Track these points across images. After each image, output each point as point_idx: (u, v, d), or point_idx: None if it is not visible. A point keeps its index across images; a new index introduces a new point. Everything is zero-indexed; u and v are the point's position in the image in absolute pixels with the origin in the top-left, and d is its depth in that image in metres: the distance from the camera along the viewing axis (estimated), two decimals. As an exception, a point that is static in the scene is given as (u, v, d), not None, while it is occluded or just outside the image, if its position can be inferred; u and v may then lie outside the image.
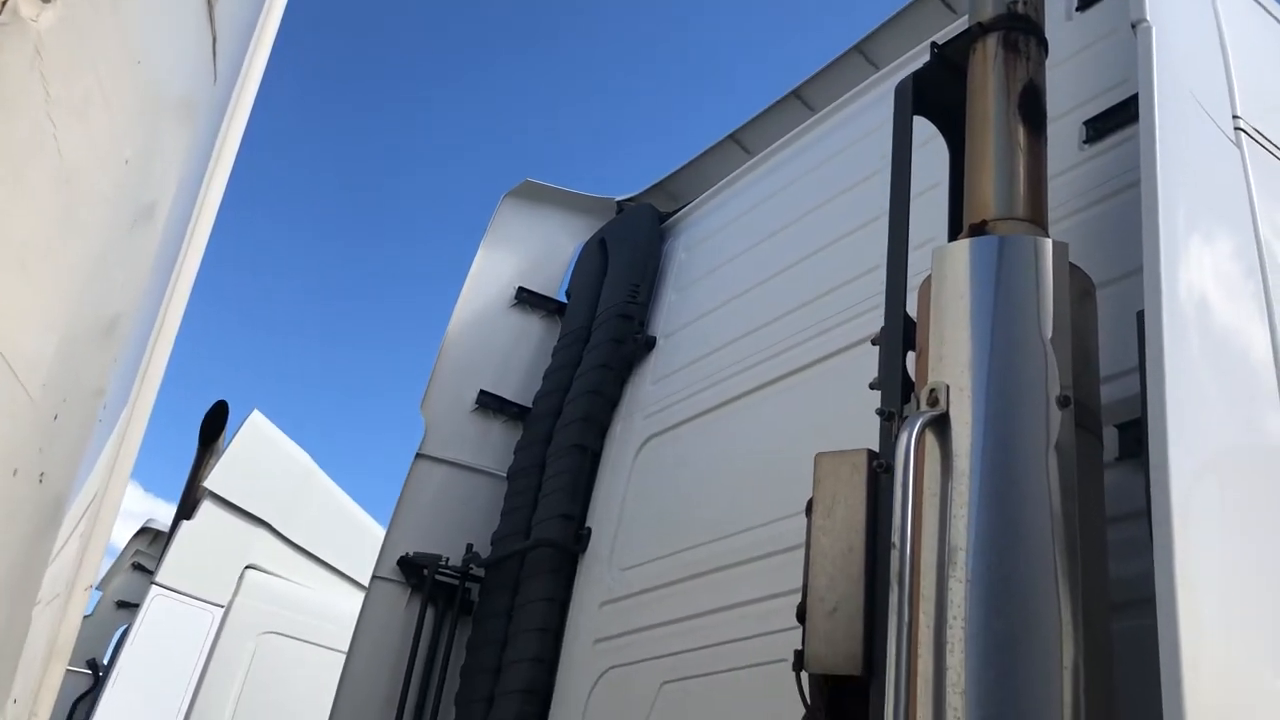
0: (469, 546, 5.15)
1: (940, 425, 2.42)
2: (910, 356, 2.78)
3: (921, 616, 2.25)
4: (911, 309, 2.82)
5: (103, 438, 1.93)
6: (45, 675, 1.90)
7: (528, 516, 4.98)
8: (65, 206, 1.52)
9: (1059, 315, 2.48)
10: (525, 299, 5.80)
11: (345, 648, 5.02)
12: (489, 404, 5.54)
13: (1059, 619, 2.20)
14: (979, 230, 2.73)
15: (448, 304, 5.71)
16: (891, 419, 2.68)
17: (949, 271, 2.61)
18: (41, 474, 1.53)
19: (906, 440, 2.34)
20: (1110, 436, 2.68)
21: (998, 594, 2.23)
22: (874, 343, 2.91)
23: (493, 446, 5.48)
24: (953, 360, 2.49)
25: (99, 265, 1.77)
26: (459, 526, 5.22)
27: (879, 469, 2.62)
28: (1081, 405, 2.42)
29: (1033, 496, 2.31)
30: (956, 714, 2.14)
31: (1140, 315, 2.41)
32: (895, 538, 2.28)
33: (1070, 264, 2.58)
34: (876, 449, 2.69)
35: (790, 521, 3.52)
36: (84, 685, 8.80)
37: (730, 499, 4.07)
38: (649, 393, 4.90)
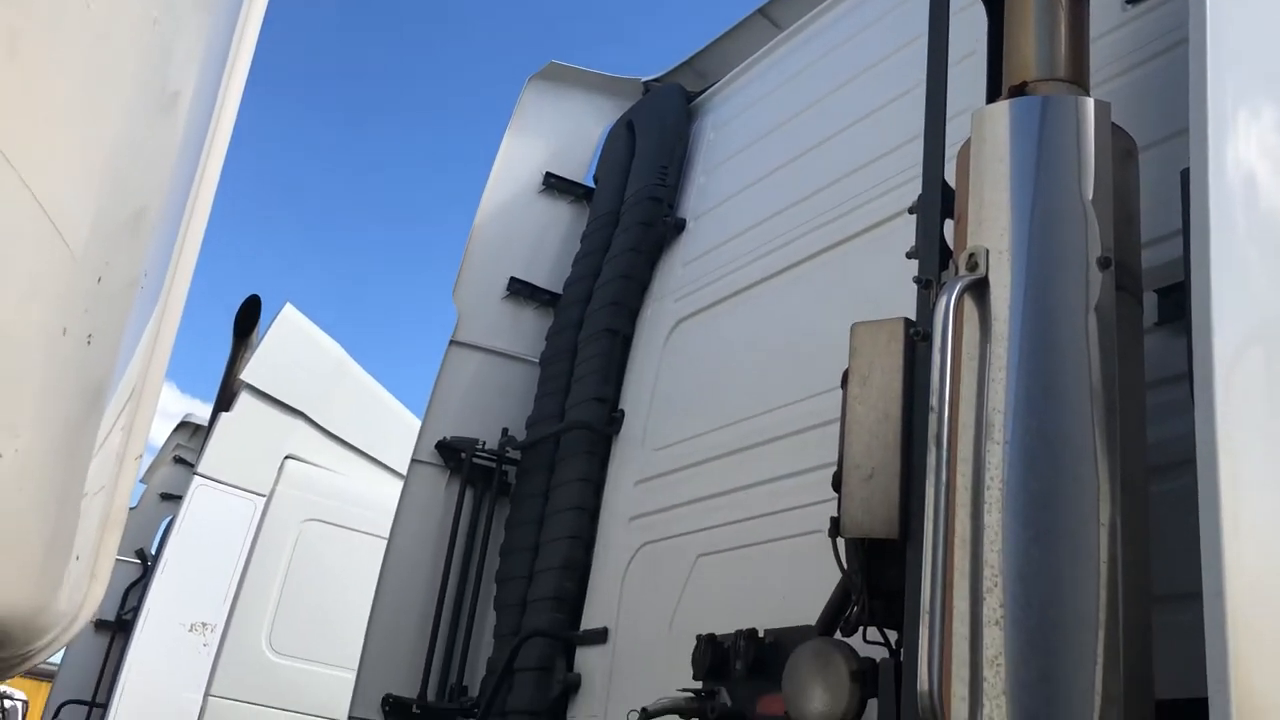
0: (504, 431, 5.21)
1: (979, 290, 2.40)
2: (948, 226, 2.75)
3: (959, 478, 2.26)
4: (949, 179, 2.78)
5: (144, 308, 1.95)
6: (102, 540, 1.95)
7: (561, 401, 5.02)
8: (99, 66, 1.51)
9: (1100, 176, 2.44)
10: (553, 184, 5.75)
11: (385, 533, 5.14)
12: (520, 291, 5.54)
13: (1097, 479, 2.20)
14: (1019, 92, 2.67)
15: (478, 189, 5.69)
16: (929, 287, 2.66)
17: (988, 133, 2.56)
18: (89, 336, 1.55)
19: (945, 304, 2.32)
20: (1149, 302, 2.65)
21: (1035, 455, 2.24)
22: (911, 211, 2.87)
23: (524, 333, 5.51)
24: (992, 224, 2.46)
25: (132, 130, 1.76)
26: (494, 412, 5.28)
27: (916, 336, 2.61)
28: (1123, 266, 2.39)
29: (1072, 358, 2.29)
30: (993, 572, 2.17)
31: (1185, 174, 2.35)
32: (933, 400, 2.28)
33: (1113, 124, 2.52)
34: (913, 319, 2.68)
35: (824, 398, 3.53)
36: (133, 574, 9.09)
37: (763, 377, 4.08)
38: (679, 275, 4.88)
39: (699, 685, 3.25)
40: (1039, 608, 2.13)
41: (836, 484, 2.68)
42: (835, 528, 2.66)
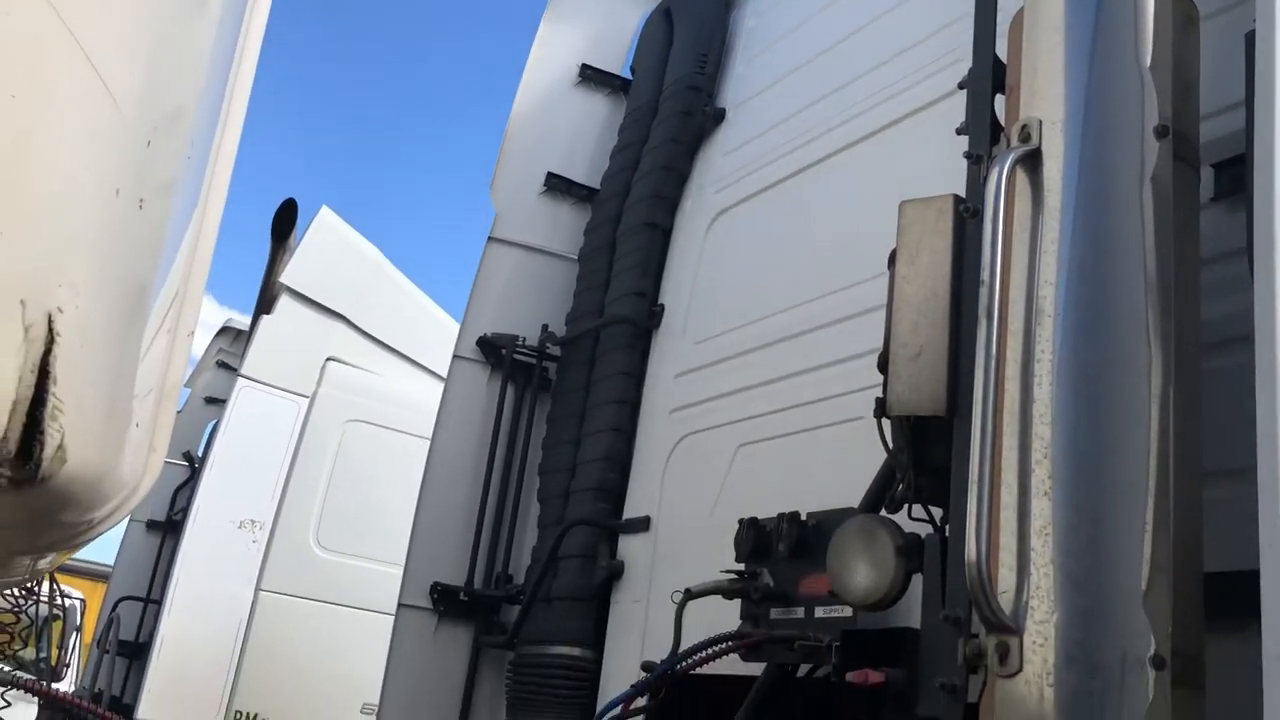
0: (544, 327, 5.23)
1: (1032, 161, 2.35)
2: (999, 101, 2.69)
3: (1009, 351, 2.24)
4: (1000, 53, 2.71)
5: (192, 180, 1.95)
6: (159, 410, 1.98)
7: (600, 296, 5.01)
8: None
9: (1159, 43, 2.36)
10: (589, 76, 5.67)
11: (426, 434, 5.20)
12: (557, 186, 5.50)
13: (1149, 352, 2.17)
14: (1075, -43, 2.57)
15: (512, 86, 5.61)
16: (979, 162, 2.61)
17: (1043, 1, 2.48)
18: (140, 200, 1.55)
19: (997, 175, 2.28)
20: (1206, 176, 2.58)
21: (1087, 327, 2.21)
22: (961, 86, 2.80)
23: (563, 229, 5.48)
24: (1045, 94, 2.40)
25: (176, 9, 1.75)
26: (533, 308, 5.28)
27: (965, 213, 2.57)
28: (1180, 137, 2.32)
29: (1126, 230, 2.25)
30: (1043, 444, 2.16)
31: (1250, 36, 2.27)
32: (984, 274, 2.25)
33: (1174, -11, 2.43)
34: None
35: (865, 286, 3.50)
36: (181, 476, 9.28)
37: (804, 267, 4.04)
38: (719, 166, 4.82)
39: (741, 567, 3.29)
40: (1088, 479, 2.12)
41: (883, 365, 2.66)
42: (881, 408, 2.65)
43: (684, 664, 2.88)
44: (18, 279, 1.22)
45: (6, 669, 10.30)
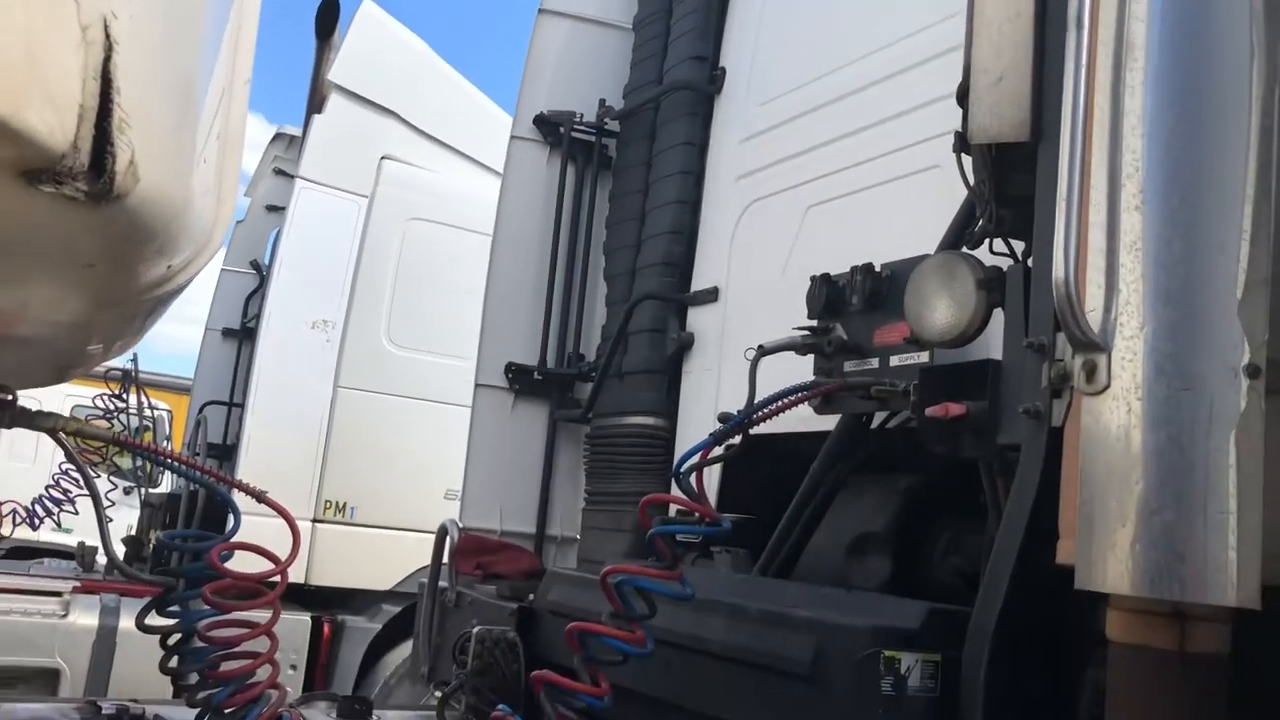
0: (601, 102, 5.10)
1: None
2: None
3: (1099, 59, 2.11)
4: None
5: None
6: (224, 158, 1.96)
7: (659, 65, 4.85)
8: None
9: None
10: None
11: (486, 229, 5.16)
12: (607, -50, 5.26)
13: (1251, 51, 2.03)
14: None
15: None
16: None
17: None
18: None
19: None
20: None
21: (1184, 29, 2.07)
22: None
23: (615, -4, 5.26)
24: None
25: None
26: (590, 83, 5.14)
27: (1050, -79, 2.39)
28: None
29: (1230, -80, 2.07)
30: (1134, 157, 2.06)
31: None
32: (1073, -21, 2.10)
33: None
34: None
35: (943, 25, 3.33)
36: (250, 284, 9.44)
37: (873, 15, 3.84)
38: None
39: (814, 324, 3.26)
40: (1182, 190, 2.02)
41: (962, 96, 2.54)
42: (961, 142, 2.55)
43: (761, 413, 2.89)
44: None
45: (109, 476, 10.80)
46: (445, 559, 4.31)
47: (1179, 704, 1.92)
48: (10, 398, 2.46)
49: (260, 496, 2.63)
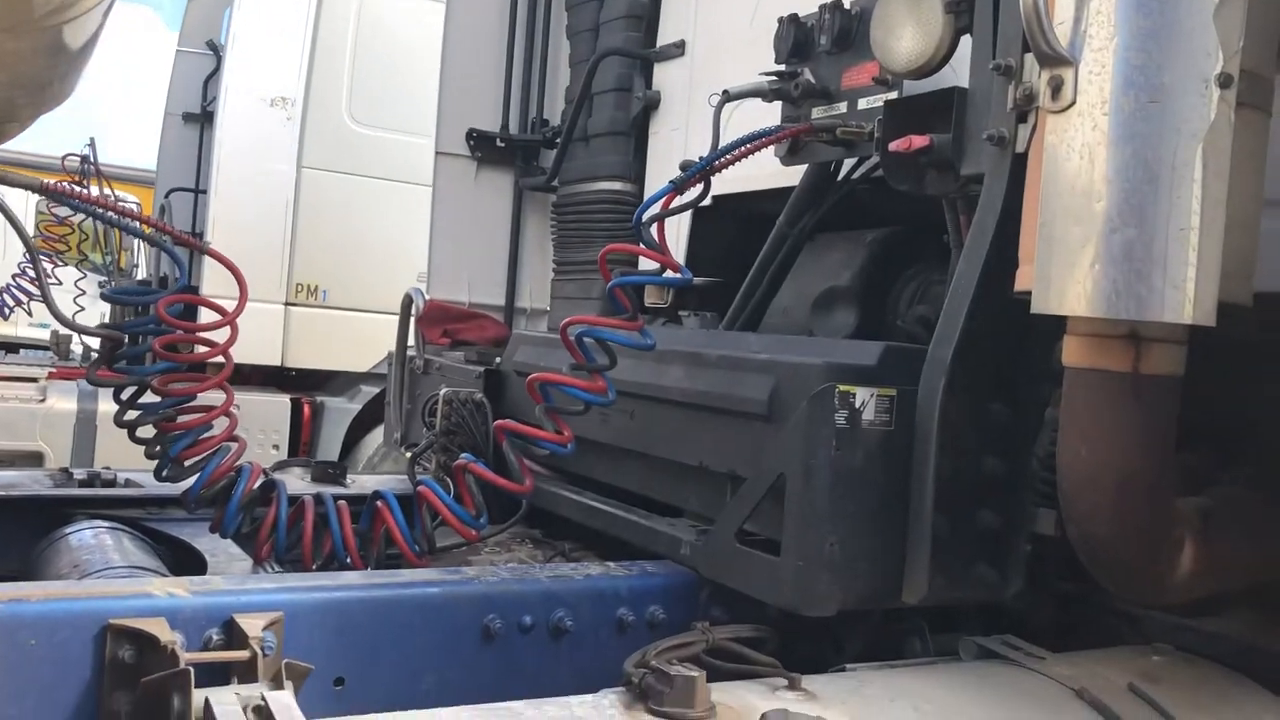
0: None
1: None
2: None
3: None
4: None
5: None
6: None
7: None
8: None
9: None
10: None
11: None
12: None
13: None
14: None
15: None
16: None
17: None
18: None
19: None
20: None
21: None
22: None
23: None
24: None
25: None
26: None
27: None
28: None
29: None
30: None
31: None
32: None
33: None
34: None
35: None
36: (208, 66, 9.07)
37: None
38: None
39: (782, 69, 3.13)
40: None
41: None
42: None
43: (724, 159, 2.79)
44: None
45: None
46: (412, 327, 4.29)
47: (1130, 424, 1.92)
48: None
49: (204, 249, 2.55)
